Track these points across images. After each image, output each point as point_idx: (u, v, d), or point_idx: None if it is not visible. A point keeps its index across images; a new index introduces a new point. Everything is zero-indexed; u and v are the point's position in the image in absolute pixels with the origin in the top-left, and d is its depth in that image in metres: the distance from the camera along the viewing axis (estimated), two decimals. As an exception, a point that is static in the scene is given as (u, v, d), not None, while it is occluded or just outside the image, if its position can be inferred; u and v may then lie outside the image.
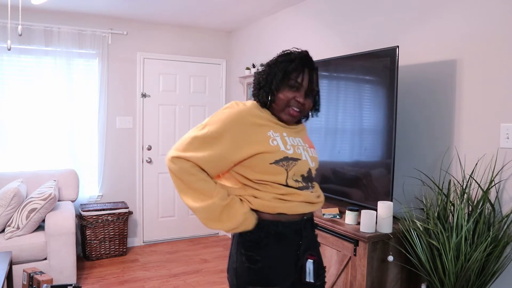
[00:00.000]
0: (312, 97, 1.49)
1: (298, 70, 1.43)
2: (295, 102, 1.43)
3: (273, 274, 1.43)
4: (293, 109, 1.44)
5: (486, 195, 1.94)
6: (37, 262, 3.11)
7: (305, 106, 1.46)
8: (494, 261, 1.87)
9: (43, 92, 3.90)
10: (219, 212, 1.37)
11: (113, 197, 4.30)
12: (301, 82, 1.43)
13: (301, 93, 1.44)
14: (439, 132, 2.33)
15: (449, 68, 2.27)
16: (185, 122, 4.63)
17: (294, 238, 1.46)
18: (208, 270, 3.74)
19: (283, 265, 1.44)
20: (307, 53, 1.49)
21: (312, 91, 1.46)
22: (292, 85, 1.43)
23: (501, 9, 2.02)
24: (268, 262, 1.41)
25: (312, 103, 1.50)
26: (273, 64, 1.48)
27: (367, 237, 2.10)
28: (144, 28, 4.34)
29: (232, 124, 1.37)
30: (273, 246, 1.42)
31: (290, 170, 1.40)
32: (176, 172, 1.37)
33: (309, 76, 1.44)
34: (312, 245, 1.53)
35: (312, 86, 1.45)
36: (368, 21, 2.82)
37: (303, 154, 1.46)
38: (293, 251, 1.46)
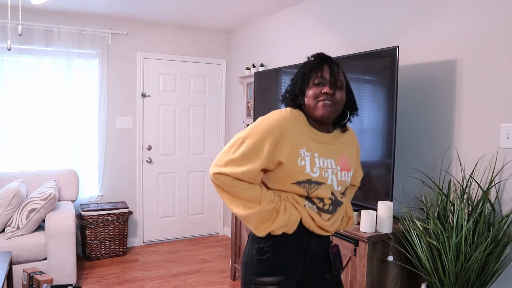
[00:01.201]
0: (342, 89, 1.48)
1: (317, 67, 1.47)
2: (323, 95, 1.44)
3: (280, 264, 1.45)
4: (324, 101, 1.43)
5: (486, 195, 1.94)
6: (37, 262, 3.11)
7: (336, 97, 1.45)
8: (494, 261, 1.87)
9: (43, 92, 3.90)
10: (269, 215, 1.40)
11: (113, 197, 4.30)
12: (324, 76, 1.45)
13: (327, 86, 1.45)
14: (439, 132, 2.33)
15: (449, 68, 2.27)
16: (185, 122, 4.63)
17: (304, 234, 1.47)
18: (208, 270, 3.74)
19: (290, 256, 1.46)
20: (323, 53, 1.54)
21: (337, 82, 1.46)
22: (317, 82, 1.45)
23: (501, 9, 2.02)
24: (276, 252, 1.45)
25: (344, 96, 1.49)
26: (296, 72, 1.54)
27: (367, 237, 2.10)
28: (144, 28, 4.34)
29: (269, 135, 1.39)
30: (284, 239, 1.44)
31: (311, 193, 1.42)
32: (221, 185, 1.41)
33: (330, 69, 1.46)
34: (325, 239, 1.55)
35: (335, 76, 1.45)
36: (368, 21, 2.82)
37: (330, 178, 1.45)
38: (302, 245, 1.48)
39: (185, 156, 4.66)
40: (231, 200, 1.42)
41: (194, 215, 4.75)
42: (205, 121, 4.75)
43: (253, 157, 1.37)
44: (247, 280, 1.48)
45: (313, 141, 1.46)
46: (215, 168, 1.41)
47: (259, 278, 1.45)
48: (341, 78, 1.48)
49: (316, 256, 1.53)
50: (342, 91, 1.48)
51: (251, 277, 1.47)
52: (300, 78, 1.50)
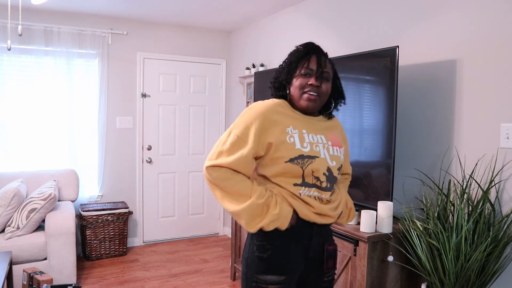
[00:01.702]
0: (328, 81, 1.50)
1: (305, 57, 1.48)
2: (309, 86, 1.46)
3: (282, 263, 1.45)
4: (309, 93, 1.46)
5: (486, 195, 1.94)
6: (37, 262, 3.11)
7: (322, 89, 1.47)
8: (494, 261, 1.87)
9: (43, 92, 3.90)
10: (260, 210, 1.40)
11: (113, 197, 4.30)
12: (311, 67, 1.46)
13: (313, 78, 1.46)
14: (439, 132, 2.33)
15: (449, 68, 2.27)
16: (185, 122, 4.63)
17: (306, 232, 1.48)
18: (208, 270, 3.74)
19: (292, 255, 1.46)
20: (312, 43, 1.54)
21: (323, 74, 1.47)
22: (304, 73, 1.47)
23: (501, 9, 2.02)
24: (277, 251, 1.44)
25: (330, 87, 1.51)
26: (285, 60, 1.55)
27: (367, 237, 2.10)
28: (144, 28, 4.34)
29: (254, 121, 1.43)
30: (284, 236, 1.44)
31: (306, 168, 1.42)
32: (213, 181, 1.44)
33: (317, 60, 1.47)
34: (327, 237, 1.55)
35: (321, 68, 1.46)
36: (368, 21, 2.82)
37: (322, 152, 1.46)
38: (304, 243, 1.48)
39: (185, 156, 4.66)
40: (223, 196, 1.43)
41: (194, 215, 4.75)
42: (205, 121, 4.75)
43: (241, 144, 1.41)
44: (248, 277, 1.48)
45: (298, 121, 1.49)
46: (208, 162, 1.45)
47: (260, 275, 1.45)
48: (328, 69, 1.50)
49: (317, 254, 1.52)
50: (328, 82, 1.50)
51: (252, 274, 1.46)
52: (287, 67, 1.52)
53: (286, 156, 1.41)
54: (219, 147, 1.45)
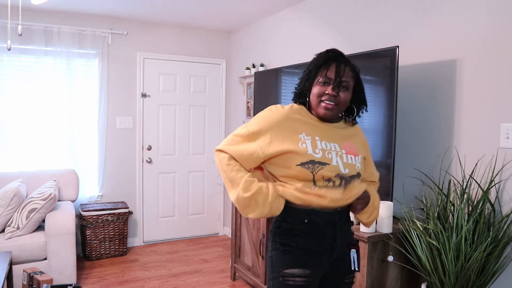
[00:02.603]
0: (347, 89, 1.50)
1: (325, 65, 1.49)
2: (326, 95, 1.47)
3: (307, 257, 1.48)
4: (326, 102, 1.47)
5: (486, 195, 1.94)
6: (37, 262, 3.11)
7: (340, 98, 1.48)
8: (494, 261, 1.87)
9: (43, 92, 3.90)
10: (248, 202, 1.45)
11: (113, 197, 4.30)
12: (329, 76, 1.47)
13: (331, 87, 1.47)
14: (439, 132, 2.33)
15: (449, 68, 2.27)
16: (185, 122, 4.63)
17: (328, 229, 1.50)
18: (208, 270, 3.74)
19: (316, 252, 1.49)
20: (335, 49, 1.55)
21: (342, 83, 1.47)
22: (322, 81, 1.48)
23: (501, 9, 2.02)
24: (300, 247, 1.48)
25: (349, 95, 1.51)
26: (306, 67, 1.57)
27: (367, 237, 2.10)
28: (144, 28, 4.34)
29: (270, 124, 1.49)
30: (307, 234, 1.48)
31: (316, 174, 1.43)
32: (218, 164, 1.54)
33: (336, 68, 1.47)
34: (350, 237, 1.59)
35: (339, 78, 1.46)
36: (368, 21, 2.82)
37: (335, 159, 1.47)
38: (328, 242, 1.50)
39: (185, 156, 4.66)
40: (225, 179, 1.52)
41: (194, 215, 4.75)
42: (205, 121, 4.75)
43: (250, 141, 1.49)
44: (275, 273, 1.51)
45: (312, 127, 1.51)
46: (218, 146, 1.56)
47: (286, 270, 1.48)
48: (348, 77, 1.50)
49: (342, 255, 1.55)
50: (347, 91, 1.50)
51: (279, 270, 1.49)
52: (306, 75, 1.54)
53: (298, 160, 1.43)
54: (231, 136, 1.54)
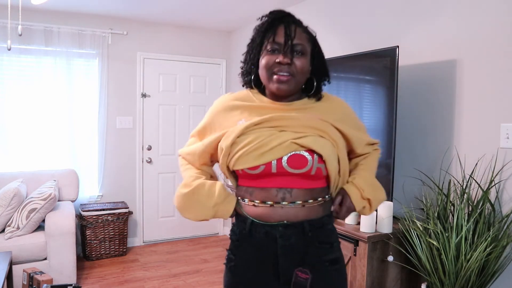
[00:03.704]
0: (304, 55, 1.19)
1: (271, 30, 1.19)
2: (277, 65, 1.17)
3: (247, 278, 1.23)
4: (279, 74, 1.17)
5: (486, 195, 1.94)
6: (37, 262, 3.11)
7: (295, 67, 1.17)
8: (494, 261, 1.87)
9: (43, 92, 3.90)
10: (185, 199, 1.25)
11: (113, 197, 4.30)
12: (277, 41, 1.17)
13: (281, 54, 1.17)
14: (439, 132, 2.33)
15: (449, 68, 2.27)
16: (185, 122, 4.63)
17: (269, 245, 1.19)
18: (208, 270, 3.74)
19: (259, 273, 1.22)
20: (280, 10, 1.24)
21: (295, 46, 1.17)
22: (270, 49, 1.18)
23: (501, 9, 2.02)
24: (241, 262, 1.25)
25: (307, 62, 1.21)
26: (250, 40, 1.27)
27: (367, 237, 2.10)
28: (144, 28, 4.34)
29: (212, 117, 1.32)
30: (248, 247, 1.23)
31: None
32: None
33: (285, 30, 1.17)
34: (308, 260, 1.20)
35: (290, 40, 1.16)
36: (368, 21, 2.82)
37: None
38: (270, 261, 1.20)
39: (185, 156, 4.66)
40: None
41: (194, 215, 4.75)
42: (205, 121, 4.75)
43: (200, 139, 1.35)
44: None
45: (259, 110, 1.23)
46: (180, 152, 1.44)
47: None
48: (302, 40, 1.19)
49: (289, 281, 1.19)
50: (304, 56, 1.20)
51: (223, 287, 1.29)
52: (250, 46, 1.25)
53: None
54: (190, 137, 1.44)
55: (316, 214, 1.21)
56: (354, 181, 1.28)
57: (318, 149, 1.15)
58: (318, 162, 1.17)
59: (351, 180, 1.29)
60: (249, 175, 1.19)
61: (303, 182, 1.19)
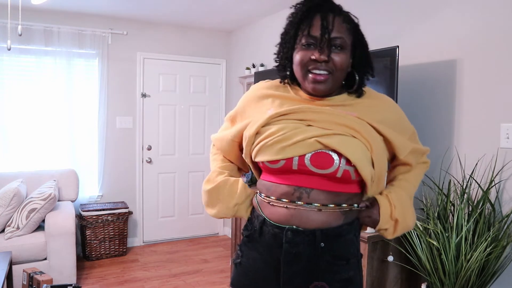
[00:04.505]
0: (343, 49, 1.07)
1: (305, 20, 1.07)
2: (313, 62, 1.06)
3: (251, 275, 1.17)
4: (314, 72, 1.06)
5: (486, 195, 1.94)
6: (37, 262, 3.11)
7: (334, 63, 1.05)
8: (494, 261, 1.87)
9: (43, 92, 3.90)
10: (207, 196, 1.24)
11: (113, 197, 4.30)
12: (314, 34, 1.05)
13: (317, 50, 1.05)
14: (439, 132, 2.33)
15: (449, 68, 2.27)
16: (185, 122, 4.63)
17: (274, 248, 1.11)
18: (208, 270, 3.74)
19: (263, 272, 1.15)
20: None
21: (333, 41, 1.05)
22: (305, 43, 1.07)
23: (501, 9, 2.02)
24: (247, 260, 1.18)
25: (347, 57, 1.08)
26: (283, 31, 1.16)
27: (367, 237, 2.10)
28: (144, 28, 4.34)
29: (243, 104, 1.25)
30: (255, 244, 1.16)
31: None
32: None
33: (322, 21, 1.04)
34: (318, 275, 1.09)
35: (329, 33, 1.03)
36: (368, 21, 2.82)
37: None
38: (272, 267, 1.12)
39: (185, 156, 4.66)
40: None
41: (194, 215, 4.75)
42: (205, 121, 4.75)
43: (231, 125, 1.30)
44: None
45: (291, 102, 1.14)
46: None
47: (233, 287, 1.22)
48: (341, 32, 1.06)
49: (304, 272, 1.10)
50: (344, 51, 1.07)
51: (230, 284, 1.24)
52: (283, 39, 1.14)
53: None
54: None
55: (335, 221, 1.08)
56: (389, 195, 1.14)
57: (345, 151, 1.02)
58: (346, 164, 1.04)
59: (386, 193, 1.15)
60: (270, 169, 1.11)
61: (326, 183, 1.06)
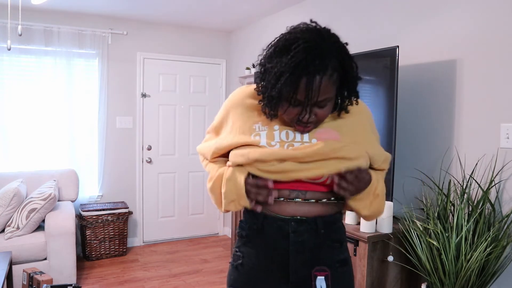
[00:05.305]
0: (327, 103, 1.11)
1: (291, 84, 1.05)
2: (300, 122, 1.12)
3: (253, 277, 1.22)
4: (301, 126, 1.14)
5: (486, 195, 1.94)
6: (37, 262, 3.11)
7: (319, 117, 1.12)
8: (494, 261, 1.87)
9: (43, 92, 3.90)
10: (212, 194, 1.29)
11: (113, 197, 4.30)
12: (299, 98, 1.07)
13: (305, 110, 1.09)
14: (439, 132, 2.33)
15: (449, 68, 2.27)
16: (185, 122, 4.63)
17: (280, 241, 1.18)
18: (208, 270, 3.74)
19: (267, 272, 1.20)
20: (306, 50, 1.06)
21: (317, 103, 1.09)
22: (292, 103, 1.10)
23: (501, 9, 2.02)
24: (249, 261, 1.23)
25: (330, 108, 1.13)
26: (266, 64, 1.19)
27: (367, 237, 2.10)
28: (144, 28, 4.34)
29: (226, 108, 1.28)
30: (257, 243, 1.22)
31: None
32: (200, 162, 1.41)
33: (307, 85, 1.04)
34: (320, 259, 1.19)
35: (310, 97, 1.05)
36: (368, 21, 2.82)
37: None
38: (279, 259, 1.18)
39: (185, 156, 4.66)
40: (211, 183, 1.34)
41: (194, 215, 4.75)
42: (205, 121, 4.75)
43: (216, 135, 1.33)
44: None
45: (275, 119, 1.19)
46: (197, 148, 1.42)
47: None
48: (327, 92, 1.07)
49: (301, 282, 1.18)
50: (329, 105, 1.12)
51: (227, 286, 1.29)
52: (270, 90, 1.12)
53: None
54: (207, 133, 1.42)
55: (331, 210, 1.20)
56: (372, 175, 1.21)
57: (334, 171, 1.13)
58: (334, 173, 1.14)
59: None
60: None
61: (317, 187, 1.17)
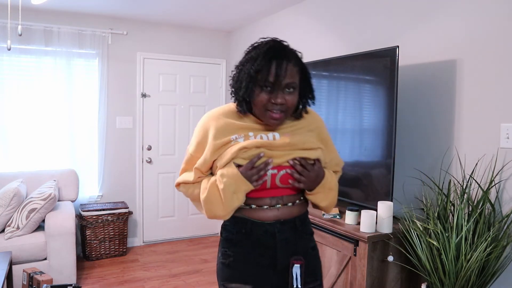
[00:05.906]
0: (295, 89, 1.31)
1: (263, 67, 1.26)
2: (272, 105, 1.28)
3: (245, 270, 1.40)
4: (273, 112, 1.29)
5: (486, 195, 1.94)
6: (37, 262, 3.11)
7: (288, 103, 1.29)
8: (494, 261, 1.87)
9: (43, 92, 3.90)
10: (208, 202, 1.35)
11: (113, 197, 4.30)
12: (271, 80, 1.26)
13: (276, 92, 1.27)
14: (439, 132, 2.33)
15: (449, 68, 2.27)
16: (185, 122, 4.63)
17: (268, 240, 1.38)
18: (208, 270, 3.74)
19: (257, 264, 1.39)
20: (273, 43, 1.32)
21: (287, 86, 1.28)
22: (263, 85, 1.27)
23: (501, 9, 2.02)
24: (239, 258, 1.40)
25: (296, 96, 1.32)
26: (241, 66, 1.34)
27: (367, 237, 2.10)
28: (144, 28, 4.34)
29: (201, 128, 1.38)
30: (245, 244, 1.39)
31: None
32: (184, 194, 1.47)
33: (276, 69, 1.25)
34: (299, 249, 1.42)
35: (280, 79, 1.25)
36: (368, 21, 2.82)
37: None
38: (268, 254, 1.38)
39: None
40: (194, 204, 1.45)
41: (194, 215, 4.75)
42: (205, 121, 4.74)
43: (192, 161, 1.40)
44: (219, 285, 1.46)
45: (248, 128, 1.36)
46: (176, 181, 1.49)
47: (226, 283, 1.41)
48: (292, 76, 1.28)
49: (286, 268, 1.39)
50: (295, 91, 1.31)
51: (220, 282, 1.44)
52: (245, 80, 1.29)
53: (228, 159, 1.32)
54: (182, 165, 1.46)
55: (303, 210, 1.46)
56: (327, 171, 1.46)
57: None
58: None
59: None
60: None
61: (290, 190, 1.40)
